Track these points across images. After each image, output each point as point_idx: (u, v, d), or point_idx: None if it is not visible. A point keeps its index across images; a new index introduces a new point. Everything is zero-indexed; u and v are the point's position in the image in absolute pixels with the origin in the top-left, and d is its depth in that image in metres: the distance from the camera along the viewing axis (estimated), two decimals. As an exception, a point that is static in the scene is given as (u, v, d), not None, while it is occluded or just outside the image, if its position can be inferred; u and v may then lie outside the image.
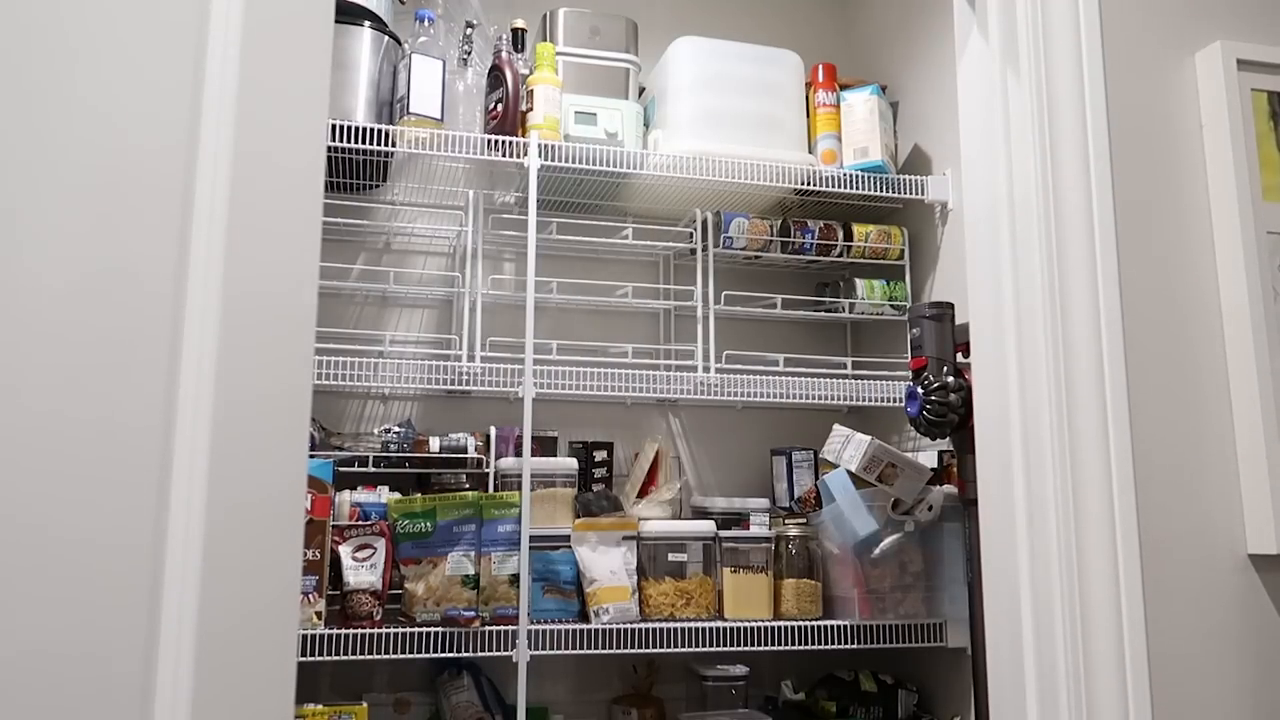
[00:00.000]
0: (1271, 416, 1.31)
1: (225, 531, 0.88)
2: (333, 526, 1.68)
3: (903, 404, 1.77)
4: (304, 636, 1.59)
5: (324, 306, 1.09)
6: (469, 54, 1.93)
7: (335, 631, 1.62)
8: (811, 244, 2.06)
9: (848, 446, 1.82)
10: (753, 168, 1.94)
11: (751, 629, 1.80)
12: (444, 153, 1.82)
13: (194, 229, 0.90)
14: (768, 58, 2.04)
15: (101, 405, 0.85)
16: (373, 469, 1.83)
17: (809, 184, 2.00)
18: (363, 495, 1.79)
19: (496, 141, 1.84)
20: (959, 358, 1.68)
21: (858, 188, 2.01)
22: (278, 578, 0.92)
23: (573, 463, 1.90)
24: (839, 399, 1.98)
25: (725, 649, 1.78)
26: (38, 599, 0.81)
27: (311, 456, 1.67)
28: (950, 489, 1.82)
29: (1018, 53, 1.35)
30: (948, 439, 1.73)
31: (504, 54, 1.88)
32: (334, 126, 1.73)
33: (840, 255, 2.09)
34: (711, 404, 2.20)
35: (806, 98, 2.08)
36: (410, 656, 1.66)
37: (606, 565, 1.78)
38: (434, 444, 1.87)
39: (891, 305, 2.09)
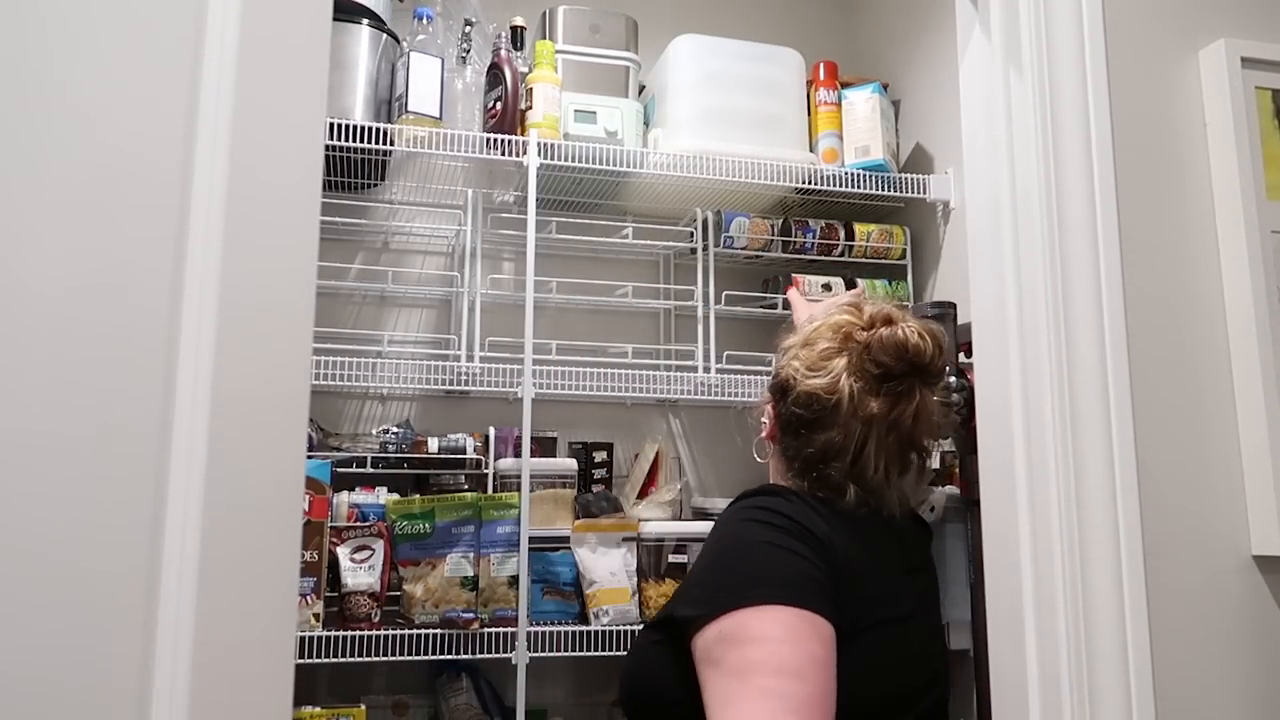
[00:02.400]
0: (1276, 417, 1.30)
1: (222, 533, 0.87)
2: (330, 528, 1.67)
3: (904, 404, 1.75)
4: (302, 638, 1.58)
5: (321, 306, 1.07)
6: (468, 52, 1.92)
7: (333, 633, 1.61)
8: (813, 244, 2.05)
9: (849, 447, 1.80)
10: (753, 166, 1.93)
11: (752, 631, 1.78)
12: (442, 151, 1.81)
13: (191, 226, 0.89)
14: (768, 56, 2.03)
15: (98, 406, 0.84)
16: (371, 470, 1.82)
17: (810, 183, 1.99)
18: (361, 496, 1.78)
19: (495, 140, 1.83)
20: (961, 358, 1.67)
21: (859, 187, 2.00)
22: (275, 579, 0.91)
23: (572, 463, 1.89)
24: (840, 399, 1.96)
25: (726, 651, 1.77)
26: (32, 600, 0.80)
27: (309, 457, 1.67)
28: (952, 490, 1.81)
29: (1020, 51, 1.34)
30: (950, 439, 1.72)
31: (503, 52, 1.87)
32: (332, 125, 1.72)
33: (842, 255, 2.08)
34: (712, 404, 2.19)
35: (808, 96, 2.07)
36: (409, 659, 1.65)
37: (606, 567, 1.77)
38: (433, 444, 1.86)
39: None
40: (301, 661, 1.55)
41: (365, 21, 1.83)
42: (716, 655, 0.89)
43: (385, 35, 1.86)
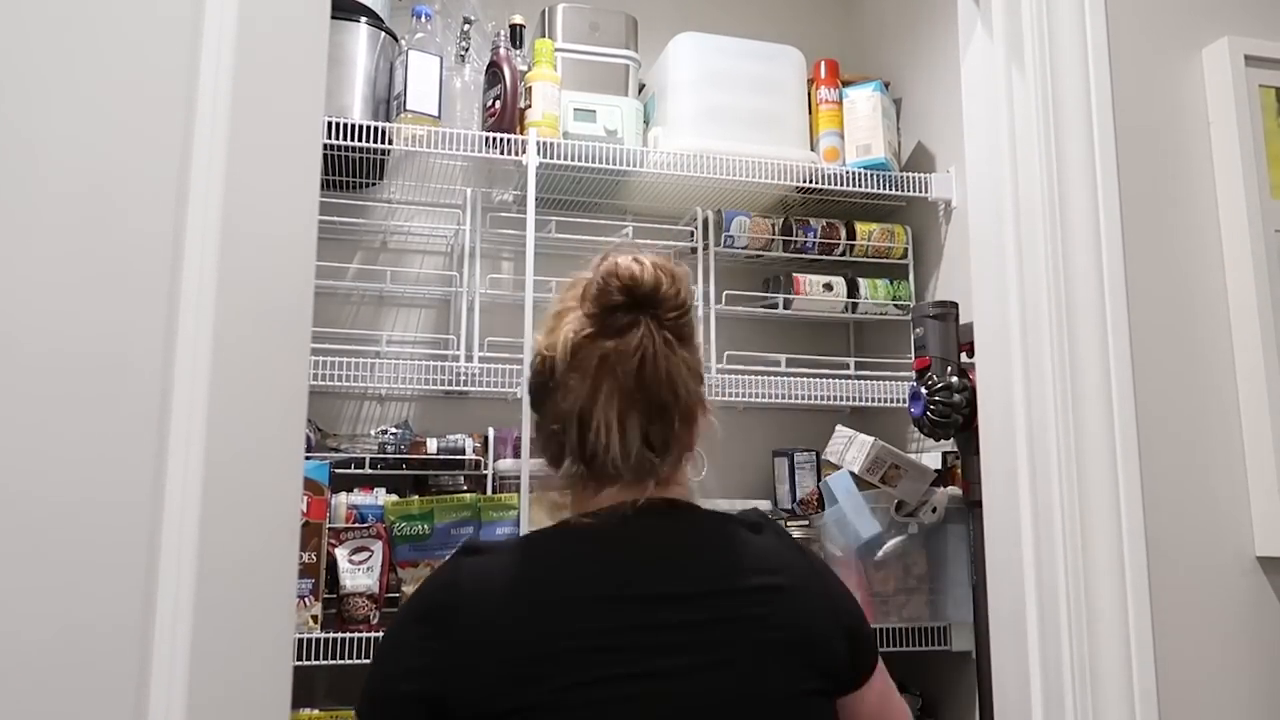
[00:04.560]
0: (1281, 417, 1.30)
1: (220, 534, 0.86)
2: (329, 529, 1.66)
3: (906, 404, 1.75)
4: (300, 640, 1.57)
5: (320, 306, 1.07)
6: (466, 50, 1.92)
7: (332, 635, 1.61)
8: (814, 243, 2.04)
9: (850, 448, 1.80)
10: (754, 165, 1.92)
11: (753, 632, 1.77)
12: (441, 150, 1.80)
13: (189, 226, 0.89)
14: (769, 54, 2.03)
15: (96, 401, 0.83)
16: (369, 470, 1.81)
17: (811, 182, 1.98)
18: (359, 497, 1.78)
19: (494, 139, 1.82)
20: (963, 358, 1.66)
21: (860, 185, 1.99)
22: (273, 581, 0.91)
23: (572, 464, 1.88)
24: (842, 400, 1.96)
25: (726, 652, 1.76)
26: (30, 601, 0.79)
27: (307, 458, 1.66)
28: (954, 490, 1.81)
29: (1022, 49, 1.34)
30: (952, 440, 1.71)
31: (502, 50, 1.86)
32: (330, 124, 1.71)
33: (843, 254, 2.07)
34: (712, 404, 2.18)
35: (808, 94, 2.06)
36: (407, 660, 1.64)
37: (606, 568, 1.76)
38: (431, 445, 1.85)
39: (895, 305, 2.07)
40: (299, 664, 1.54)
41: (364, 19, 1.82)
42: None
43: (384, 33, 1.85)
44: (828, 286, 2.02)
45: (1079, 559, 1.22)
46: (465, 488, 1.83)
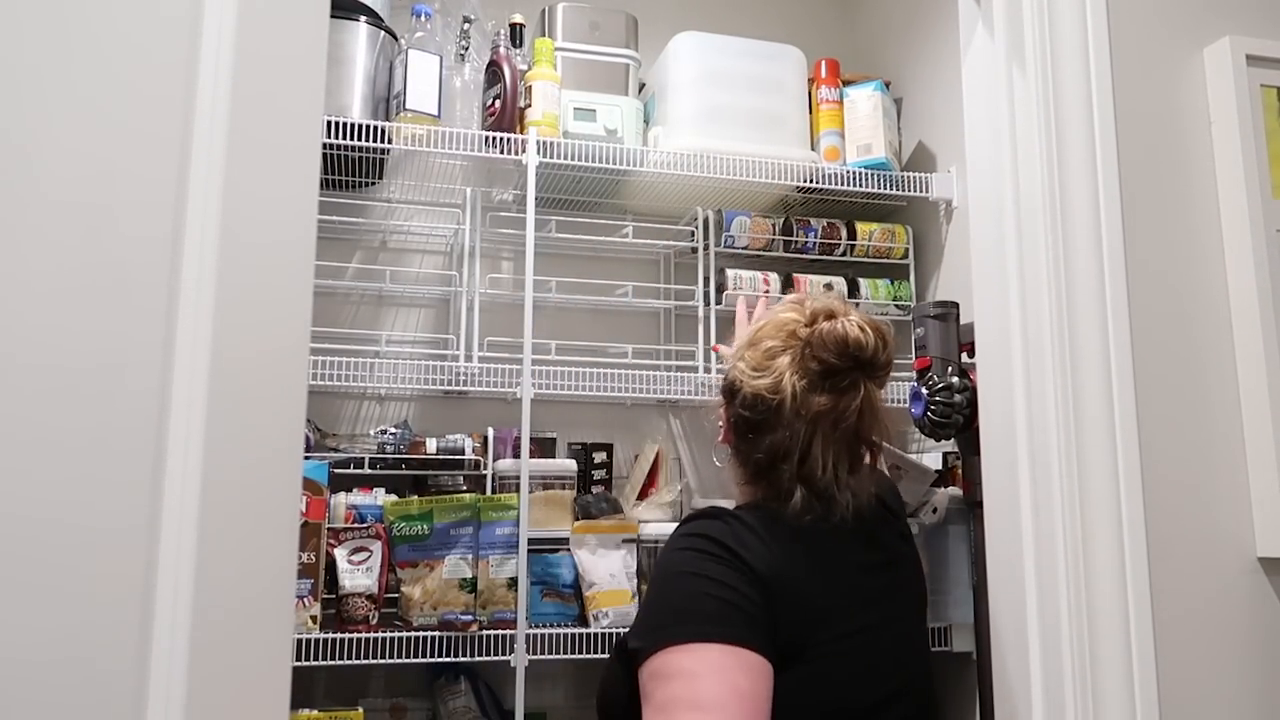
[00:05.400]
0: (1283, 417, 1.29)
1: (219, 534, 0.86)
2: (328, 529, 1.66)
3: (907, 405, 1.75)
4: (299, 641, 1.57)
5: (319, 305, 1.06)
6: (466, 49, 1.91)
7: (331, 636, 1.60)
8: (814, 243, 2.04)
9: (850, 448, 1.79)
10: (754, 165, 1.92)
11: (753, 632, 1.77)
12: (441, 149, 1.80)
13: (188, 224, 0.88)
14: (770, 53, 2.02)
15: (95, 400, 0.83)
16: (369, 471, 1.81)
17: (812, 181, 1.98)
18: (358, 497, 1.77)
19: (494, 138, 1.82)
20: (964, 358, 1.66)
21: (861, 185, 1.99)
22: (272, 581, 0.90)
23: (572, 464, 1.88)
24: (841, 399, 1.95)
25: (726, 653, 1.76)
26: (27, 602, 0.79)
27: (306, 458, 1.65)
28: (955, 491, 1.80)
29: (1023, 48, 1.34)
30: (953, 440, 1.71)
31: (502, 49, 1.86)
32: (329, 123, 1.71)
33: (844, 254, 2.07)
34: (713, 405, 2.18)
35: (809, 94, 2.06)
36: (406, 661, 1.64)
37: (606, 568, 1.76)
38: (431, 445, 1.85)
39: (896, 305, 2.07)
40: (298, 664, 1.54)
41: (363, 18, 1.82)
42: (648, 690, 0.94)
43: (383, 32, 1.85)
44: (828, 286, 2.02)
45: (1079, 559, 1.21)
46: (465, 488, 1.83)
